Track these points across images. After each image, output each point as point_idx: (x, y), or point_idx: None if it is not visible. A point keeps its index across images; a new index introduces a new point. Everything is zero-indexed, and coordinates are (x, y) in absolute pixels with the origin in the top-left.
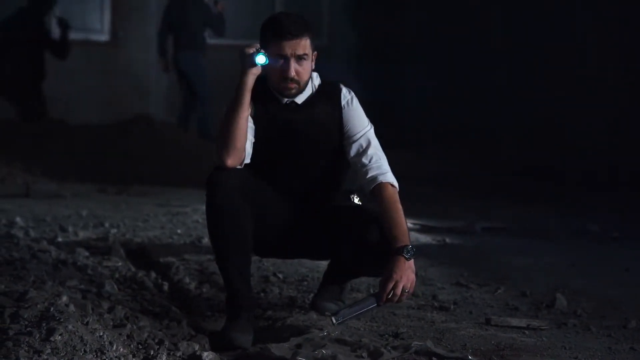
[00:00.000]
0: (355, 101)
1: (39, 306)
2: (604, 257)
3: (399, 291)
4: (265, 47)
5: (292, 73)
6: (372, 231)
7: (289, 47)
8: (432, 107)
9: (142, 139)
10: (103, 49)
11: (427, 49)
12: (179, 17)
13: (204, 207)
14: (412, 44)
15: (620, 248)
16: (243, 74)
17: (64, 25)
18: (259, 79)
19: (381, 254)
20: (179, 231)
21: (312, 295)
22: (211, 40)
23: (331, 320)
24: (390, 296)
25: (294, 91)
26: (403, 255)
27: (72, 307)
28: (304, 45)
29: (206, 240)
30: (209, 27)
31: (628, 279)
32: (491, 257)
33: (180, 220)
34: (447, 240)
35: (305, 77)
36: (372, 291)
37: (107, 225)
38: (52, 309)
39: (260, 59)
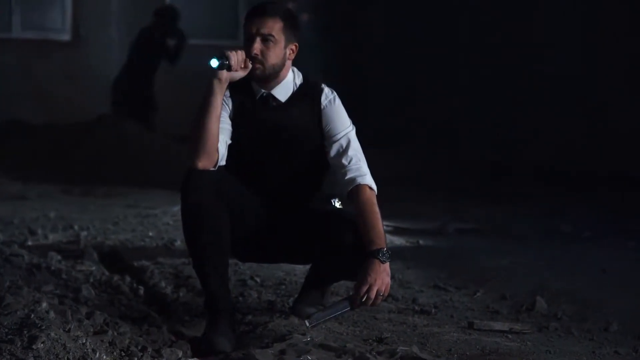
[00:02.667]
0: (338, 101)
1: (18, 313)
2: (579, 257)
3: (373, 294)
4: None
5: (254, 51)
6: (348, 234)
7: (254, 25)
8: (398, 107)
9: (106, 139)
10: (64, 49)
11: (393, 49)
12: None
13: (173, 209)
14: (378, 44)
15: (593, 248)
16: (209, 78)
17: (181, 36)
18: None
19: (357, 257)
20: (150, 234)
21: (291, 299)
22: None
23: (305, 323)
24: (364, 300)
25: (258, 72)
26: (378, 258)
27: (52, 314)
28: (271, 26)
29: (179, 243)
30: None
31: (605, 280)
32: (466, 259)
33: (150, 222)
34: (421, 242)
35: (271, 60)
36: (351, 294)
37: (76, 227)
38: (32, 315)
39: (213, 63)
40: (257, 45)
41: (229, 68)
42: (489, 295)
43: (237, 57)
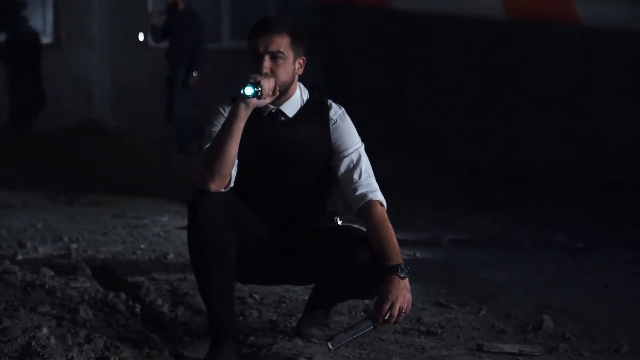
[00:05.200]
0: (347, 117)
1: (19, 340)
2: (578, 271)
3: (395, 312)
4: (247, 47)
5: (264, 70)
6: (362, 252)
7: (262, 43)
8: (385, 113)
9: (90, 145)
10: (46, 52)
11: (377, 53)
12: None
13: (162, 219)
14: (361, 47)
15: (590, 260)
16: (237, 102)
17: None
18: None
19: (372, 274)
20: (142, 246)
21: (293, 318)
22: (153, 43)
23: (327, 346)
24: (386, 318)
25: None
26: (397, 275)
27: (53, 340)
28: (279, 42)
29: (172, 257)
30: None
31: (608, 295)
32: (465, 273)
33: (140, 233)
34: (418, 254)
35: (282, 77)
36: (354, 313)
37: (65, 239)
38: (33, 342)
39: (248, 91)
40: (267, 64)
41: (260, 96)
42: (493, 313)
43: (268, 84)
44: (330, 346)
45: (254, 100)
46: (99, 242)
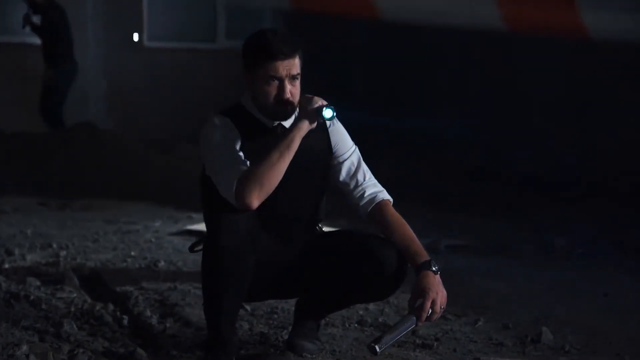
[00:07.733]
0: (337, 121)
1: None
2: (578, 279)
3: (437, 308)
4: (255, 69)
5: (288, 95)
6: (389, 251)
7: (282, 68)
8: (381, 112)
9: (84, 148)
10: (36, 52)
11: (370, 52)
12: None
13: (155, 225)
14: (354, 45)
15: (590, 267)
16: (300, 123)
17: None
18: (239, 107)
19: (398, 272)
20: (132, 253)
21: (284, 331)
22: (148, 43)
23: (374, 348)
24: (429, 314)
25: (290, 112)
26: (431, 270)
27: (32, 358)
28: (297, 64)
29: (163, 264)
30: None
31: (609, 305)
32: (462, 281)
33: (132, 239)
34: None
35: (298, 96)
36: (348, 325)
37: (55, 246)
38: None
39: (329, 113)
40: (289, 88)
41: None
42: (491, 325)
43: None
44: (378, 349)
45: (317, 122)
46: (88, 249)
